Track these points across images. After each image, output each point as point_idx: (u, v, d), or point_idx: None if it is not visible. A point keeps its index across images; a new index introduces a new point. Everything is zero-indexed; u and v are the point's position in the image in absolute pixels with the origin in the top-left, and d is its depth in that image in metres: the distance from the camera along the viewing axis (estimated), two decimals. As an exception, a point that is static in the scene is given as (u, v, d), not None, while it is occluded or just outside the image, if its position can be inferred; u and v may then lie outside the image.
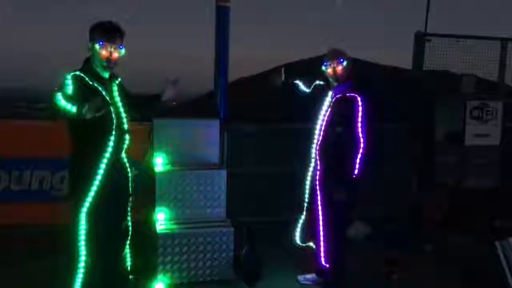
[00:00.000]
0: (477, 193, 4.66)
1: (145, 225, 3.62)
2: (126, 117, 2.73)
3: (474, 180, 4.85)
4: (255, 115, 5.33)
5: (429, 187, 4.99)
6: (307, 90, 3.48)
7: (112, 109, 2.61)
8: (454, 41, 5.12)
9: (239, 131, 4.61)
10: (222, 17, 4.32)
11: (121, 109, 2.70)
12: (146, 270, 3.39)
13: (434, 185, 4.97)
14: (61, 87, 2.40)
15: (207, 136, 3.93)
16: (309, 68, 3.73)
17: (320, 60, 3.29)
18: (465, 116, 4.87)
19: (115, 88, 2.71)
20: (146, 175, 3.85)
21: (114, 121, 2.63)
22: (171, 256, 3.41)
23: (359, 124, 3.09)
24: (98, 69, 2.62)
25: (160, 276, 3.38)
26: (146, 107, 3.14)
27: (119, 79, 2.80)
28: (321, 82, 3.39)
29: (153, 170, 3.69)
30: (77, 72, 2.54)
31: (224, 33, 4.36)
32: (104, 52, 2.55)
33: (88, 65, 2.62)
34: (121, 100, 2.72)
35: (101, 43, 2.54)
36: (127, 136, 2.75)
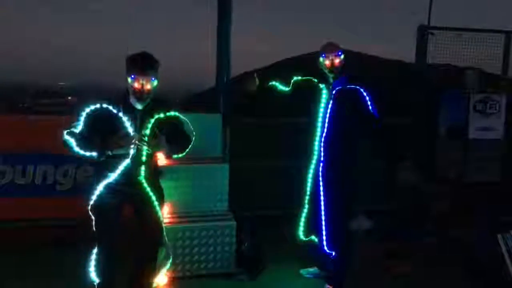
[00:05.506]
0: (480, 187, 4.65)
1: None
2: (147, 150, 2.70)
3: (477, 174, 4.85)
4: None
5: (432, 181, 4.98)
6: (287, 89, 3.41)
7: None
8: (457, 34, 5.10)
9: (241, 124, 4.60)
10: (223, 11, 4.32)
11: (144, 143, 2.68)
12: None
13: (436, 179, 4.96)
14: (73, 123, 2.61)
15: (209, 130, 3.94)
16: (308, 63, 3.71)
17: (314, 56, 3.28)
18: (468, 109, 4.86)
19: (151, 120, 2.71)
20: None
21: (131, 152, 2.67)
22: (173, 249, 3.42)
23: (370, 108, 3.10)
24: (132, 101, 2.68)
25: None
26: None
27: (165, 114, 2.76)
28: (299, 78, 3.37)
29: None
30: (100, 105, 2.63)
31: (225, 27, 4.35)
32: (136, 85, 2.60)
33: (125, 95, 2.70)
34: (151, 135, 2.70)
35: (133, 76, 2.60)
36: (143, 167, 2.75)
